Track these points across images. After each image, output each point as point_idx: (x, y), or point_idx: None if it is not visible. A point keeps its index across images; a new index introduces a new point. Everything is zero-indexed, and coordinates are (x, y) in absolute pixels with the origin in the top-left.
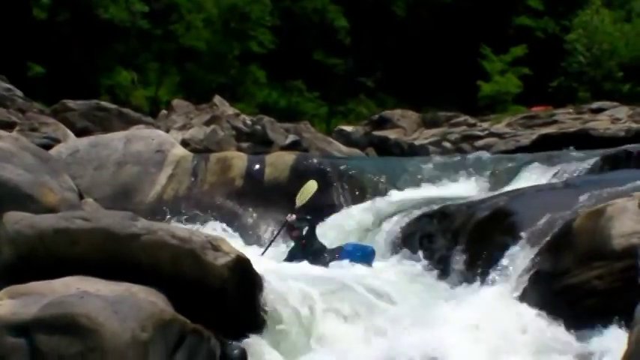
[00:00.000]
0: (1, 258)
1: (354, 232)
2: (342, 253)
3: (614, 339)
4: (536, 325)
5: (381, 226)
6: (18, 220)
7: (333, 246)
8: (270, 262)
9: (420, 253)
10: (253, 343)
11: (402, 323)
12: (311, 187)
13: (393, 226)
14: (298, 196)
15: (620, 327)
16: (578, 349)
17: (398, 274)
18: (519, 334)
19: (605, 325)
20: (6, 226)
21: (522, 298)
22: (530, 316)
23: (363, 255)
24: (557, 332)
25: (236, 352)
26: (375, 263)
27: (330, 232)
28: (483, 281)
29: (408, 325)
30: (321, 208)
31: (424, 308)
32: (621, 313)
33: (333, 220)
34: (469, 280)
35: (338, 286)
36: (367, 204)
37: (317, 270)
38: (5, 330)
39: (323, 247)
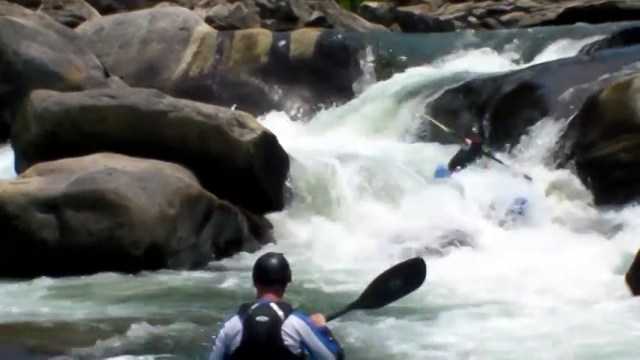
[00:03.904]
0: (29, 135)
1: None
2: None
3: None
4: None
5: (407, 102)
6: (45, 97)
7: None
8: (297, 138)
9: (447, 129)
10: (276, 216)
11: (419, 194)
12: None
13: (418, 102)
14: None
15: None
16: (603, 222)
17: (425, 150)
18: (543, 205)
19: (630, 198)
20: (34, 104)
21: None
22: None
23: None
24: (582, 205)
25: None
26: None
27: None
28: (509, 154)
29: (427, 195)
30: (349, 86)
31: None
32: None
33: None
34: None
35: (366, 163)
36: (392, 80)
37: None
38: (34, 206)
39: None
